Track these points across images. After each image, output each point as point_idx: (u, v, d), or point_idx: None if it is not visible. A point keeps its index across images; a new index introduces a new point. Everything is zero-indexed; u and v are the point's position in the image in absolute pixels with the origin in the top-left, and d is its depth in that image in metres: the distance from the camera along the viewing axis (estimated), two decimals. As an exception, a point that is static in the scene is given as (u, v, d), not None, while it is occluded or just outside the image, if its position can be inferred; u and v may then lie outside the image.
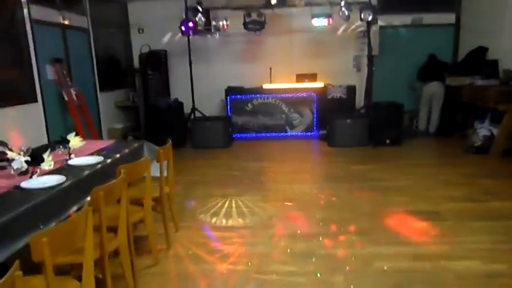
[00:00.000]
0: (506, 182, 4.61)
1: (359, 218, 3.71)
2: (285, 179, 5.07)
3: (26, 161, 2.44)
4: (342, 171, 5.32)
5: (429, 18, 8.07)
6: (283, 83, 7.63)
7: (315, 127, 7.49)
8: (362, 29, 7.80)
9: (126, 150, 3.24)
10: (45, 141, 5.49)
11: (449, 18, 8.12)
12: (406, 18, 8.12)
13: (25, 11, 5.20)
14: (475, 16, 7.59)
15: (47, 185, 2.28)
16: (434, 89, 7.26)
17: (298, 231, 3.48)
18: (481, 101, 6.21)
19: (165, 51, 8.16)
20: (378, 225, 3.55)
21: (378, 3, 7.57)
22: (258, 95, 7.41)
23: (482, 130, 6.08)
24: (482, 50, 7.11)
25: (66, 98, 5.77)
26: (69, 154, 2.89)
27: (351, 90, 7.48)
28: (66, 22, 6.05)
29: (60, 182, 2.35)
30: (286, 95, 7.39)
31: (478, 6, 7.44)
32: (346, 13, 6.74)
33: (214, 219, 3.81)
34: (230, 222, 3.74)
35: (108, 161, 2.88)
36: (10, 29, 5.07)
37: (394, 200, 4.15)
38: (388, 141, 6.61)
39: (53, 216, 2.16)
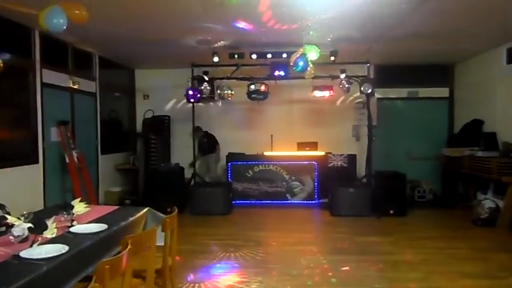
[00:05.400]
0: (520, 258, 4.44)
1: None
2: (289, 251, 4.84)
3: (29, 228, 2.29)
4: (347, 243, 5.12)
5: (424, 91, 8.42)
6: (284, 151, 7.67)
7: (316, 195, 7.38)
8: (360, 100, 8.07)
9: (131, 218, 3.10)
10: (41, 203, 5.32)
11: (443, 92, 8.48)
12: (402, 91, 8.46)
13: (37, 74, 5.34)
14: (468, 90, 7.93)
15: (48, 255, 2.12)
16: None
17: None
18: (483, 172, 6.24)
19: (169, 116, 8.30)
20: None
21: (375, 77, 7.91)
22: (259, 162, 7.40)
23: (487, 202, 6.02)
24: (478, 123, 7.32)
25: (67, 160, 5.71)
26: (72, 220, 2.75)
27: (352, 159, 7.52)
28: (76, 86, 6.20)
29: (62, 252, 2.19)
30: (287, 162, 7.39)
31: (470, 81, 7.80)
32: (347, 86, 7.00)
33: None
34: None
35: (113, 228, 2.73)
36: (20, 91, 5.16)
37: (407, 276, 3.94)
38: (392, 212, 6.48)
39: (52, 291, 1.98)
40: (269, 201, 7.34)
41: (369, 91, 6.88)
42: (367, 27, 5.43)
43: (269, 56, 6.52)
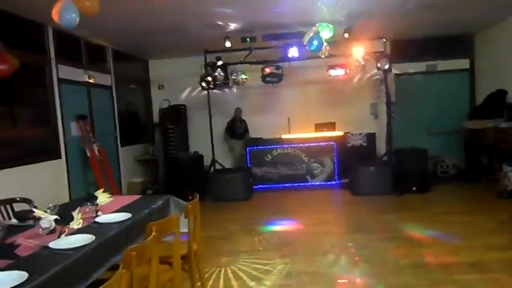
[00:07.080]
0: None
1: (400, 272, 3.45)
2: (312, 232, 4.85)
3: (55, 220, 2.35)
4: (370, 221, 5.09)
5: (443, 64, 8.15)
6: (302, 133, 7.62)
7: (336, 176, 7.33)
8: (377, 77, 7.88)
9: (154, 206, 3.14)
10: (67, 196, 5.46)
11: (464, 63, 8.19)
12: (420, 65, 8.22)
13: (53, 70, 5.41)
14: (489, 60, 7.62)
15: (77, 245, 2.17)
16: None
17: (335, 289, 3.24)
18: (508, 144, 6.04)
19: (184, 105, 8.33)
20: (421, 282, 3.27)
21: (391, 52, 7.69)
22: (277, 146, 7.37)
23: (514, 174, 5.85)
24: (501, 93, 7.06)
25: (88, 154, 5.82)
26: (97, 211, 2.81)
27: (371, 137, 7.40)
28: (91, 80, 6.27)
29: (89, 242, 2.24)
30: (306, 144, 7.34)
31: (491, 50, 7.50)
32: (363, 63, 6.85)
33: (243, 279, 3.58)
34: (262, 282, 3.50)
35: (137, 217, 2.78)
36: (38, 88, 5.25)
37: (433, 250, 3.89)
38: (414, 189, 6.38)
39: (82, 279, 2.04)
40: (289, 184, 7.33)
41: (386, 67, 6.71)
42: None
43: (282, 37, 6.42)
